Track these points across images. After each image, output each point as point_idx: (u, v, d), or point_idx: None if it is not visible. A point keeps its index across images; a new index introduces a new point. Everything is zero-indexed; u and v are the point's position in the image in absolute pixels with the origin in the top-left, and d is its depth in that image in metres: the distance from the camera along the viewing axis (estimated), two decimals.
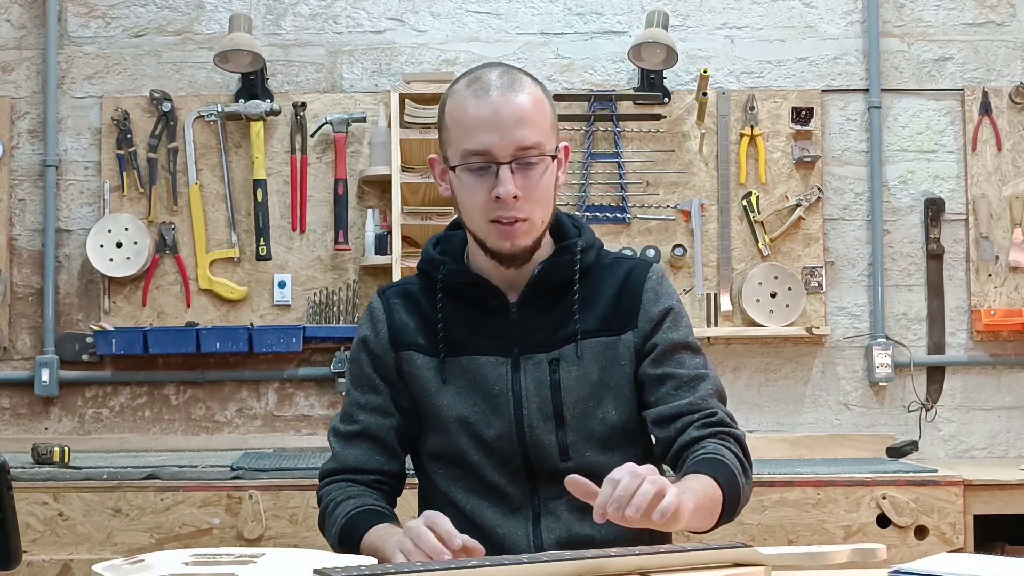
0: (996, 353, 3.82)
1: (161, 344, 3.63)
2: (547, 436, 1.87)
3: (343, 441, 1.95)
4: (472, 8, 3.88)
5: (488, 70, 1.85)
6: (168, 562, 1.49)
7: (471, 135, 1.79)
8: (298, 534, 3.09)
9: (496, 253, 1.84)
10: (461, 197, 1.84)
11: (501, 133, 1.78)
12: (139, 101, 3.79)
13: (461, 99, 1.82)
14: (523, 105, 1.80)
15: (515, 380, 1.87)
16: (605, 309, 1.90)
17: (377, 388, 1.93)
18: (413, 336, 1.91)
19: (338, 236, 3.73)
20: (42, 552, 3.08)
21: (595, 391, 1.88)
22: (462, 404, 1.88)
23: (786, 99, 3.81)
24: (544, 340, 1.88)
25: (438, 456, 1.93)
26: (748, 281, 3.74)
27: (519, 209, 1.79)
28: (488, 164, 1.79)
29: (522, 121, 1.79)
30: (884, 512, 3.13)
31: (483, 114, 1.79)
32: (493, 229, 1.81)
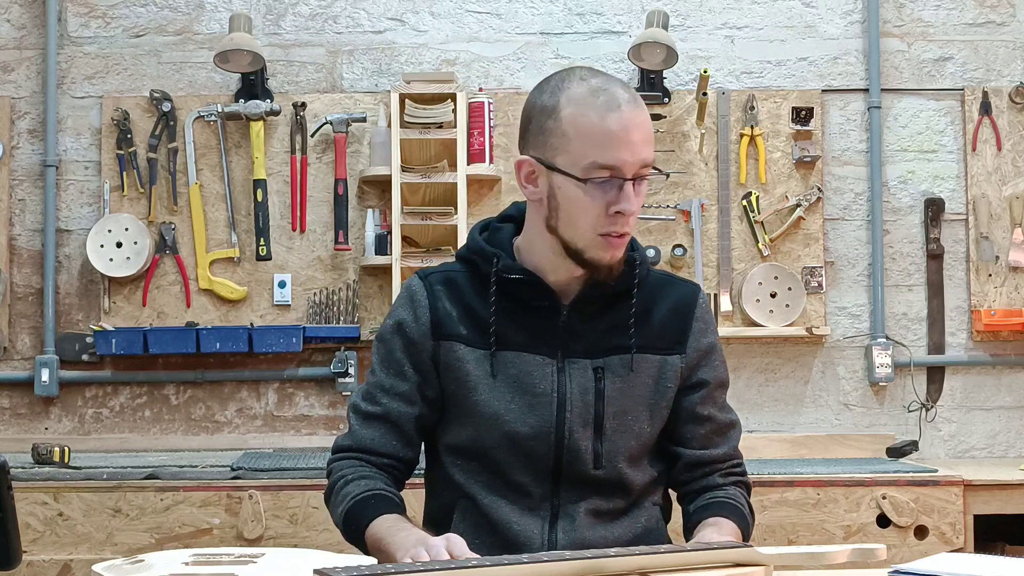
0: (996, 353, 3.82)
1: (161, 344, 3.63)
2: (584, 442, 1.87)
3: (362, 420, 1.93)
4: (472, 8, 3.88)
5: (610, 82, 1.83)
6: (168, 562, 1.49)
7: (604, 149, 1.77)
8: (298, 534, 3.09)
9: (594, 263, 1.83)
10: (569, 206, 1.81)
11: (632, 150, 1.78)
12: (139, 101, 3.79)
13: (587, 109, 1.78)
14: (647, 122, 1.82)
15: (561, 382, 1.87)
16: (657, 327, 1.91)
17: (405, 374, 1.91)
18: (456, 326, 1.89)
19: (338, 236, 3.73)
20: (42, 552, 3.08)
21: (636, 405, 1.89)
22: (500, 399, 1.87)
23: (786, 99, 3.81)
24: (590, 347, 1.88)
25: (459, 449, 1.92)
26: (748, 281, 3.74)
27: (628, 224, 1.81)
28: (611, 178, 1.78)
29: (648, 139, 1.81)
30: (884, 512, 3.13)
31: (617, 129, 1.77)
32: (601, 241, 1.81)
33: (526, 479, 1.87)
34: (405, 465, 1.95)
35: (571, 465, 1.87)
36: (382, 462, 1.91)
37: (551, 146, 1.81)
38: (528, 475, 1.87)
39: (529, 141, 1.85)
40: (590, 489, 1.87)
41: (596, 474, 1.86)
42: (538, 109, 1.84)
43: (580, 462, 1.86)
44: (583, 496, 1.86)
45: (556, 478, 1.88)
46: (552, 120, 1.81)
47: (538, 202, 1.86)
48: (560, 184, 1.81)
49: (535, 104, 1.85)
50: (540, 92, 1.86)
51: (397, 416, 1.91)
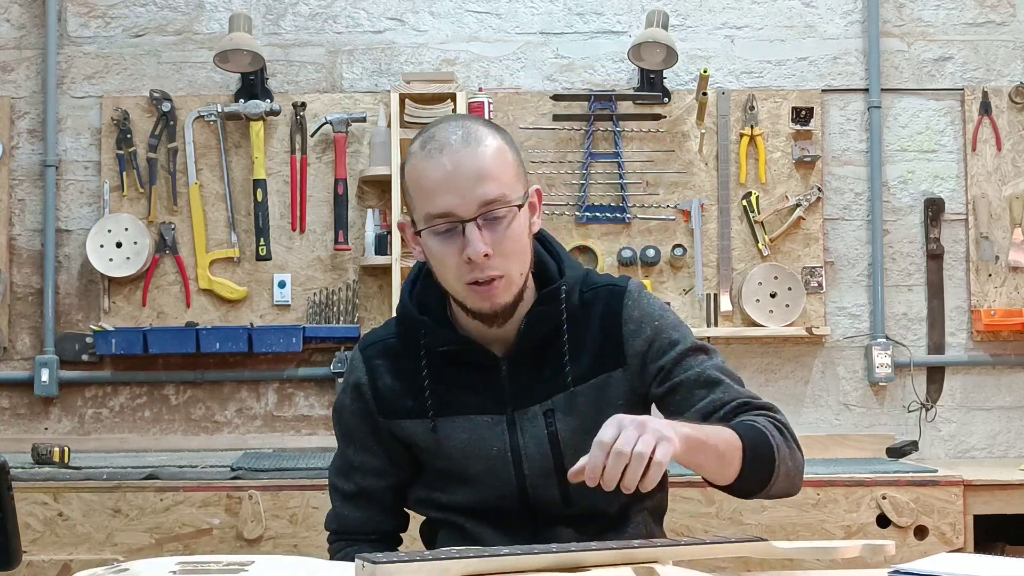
0: (996, 353, 3.82)
1: (161, 344, 3.63)
2: (550, 490, 1.85)
3: (342, 499, 1.94)
4: (472, 8, 3.88)
5: (442, 126, 1.77)
6: (154, 570, 1.46)
7: (432, 197, 1.72)
8: (298, 534, 3.09)
9: (479, 315, 1.78)
10: (433, 261, 1.77)
11: (461, 192, 1.70)
12: (139, 101, 3.79)
13: (417, 161, 1.75)
14: (482, 159, 1.72)
15: (512, 439, 1.83)
16: (593, 349, 1.83)
17: (371, 450, 1.91)
18: (401, 401, 1.86)
19: (338, 236, 3.73)
20: (42, 552, 3.08)
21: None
22: (457, 467, 1.86)
23: (786, 99, 3.81)
24: (537, 392, 1.83)
25: (434, 505, 1.93)
26: (748, 281, 3.74)
27: (493, 267, 1.72)
28: (454, 225, 1.72)
29: (482, 176, 1.71)
30: (884, 512, 3.13)
31: (441, 175, 1.71)
32: (470, 292, 1.75)
33: (501, 525, 1.86)
34: (393, 533, 1.97)
35: (543, 511, 1.85)
36: (369, 539, 1.93)
37: (408, 205, 1.81)
38: (502, 523, 1.86)
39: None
40: (570, 519, 1.86)
41: (571, 511, 1.85)
42: (400, 173, 1.85)
43: (552, 507, 1.84)
44: (565, 524, 1.85)
45: (533, 520, 1.86)
46: (403, 181, 1.80)
47: (426, 262, 1.83)
48: (421, 241, 1.78)
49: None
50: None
51: (372, 492, 1.92)
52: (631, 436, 1.49)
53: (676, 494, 3.01)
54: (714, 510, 3.11)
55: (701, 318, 3.74)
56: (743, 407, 1.78)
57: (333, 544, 1.96)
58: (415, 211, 1.78)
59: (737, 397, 1.79)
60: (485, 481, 1.85)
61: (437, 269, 1.78)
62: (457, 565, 1.37)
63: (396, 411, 1.87)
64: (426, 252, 1.79)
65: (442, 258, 1.75)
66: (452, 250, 1.73)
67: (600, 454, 1.49)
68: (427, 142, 1.76)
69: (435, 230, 1.74)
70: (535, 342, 1.83)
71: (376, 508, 1.93)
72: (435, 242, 1.75)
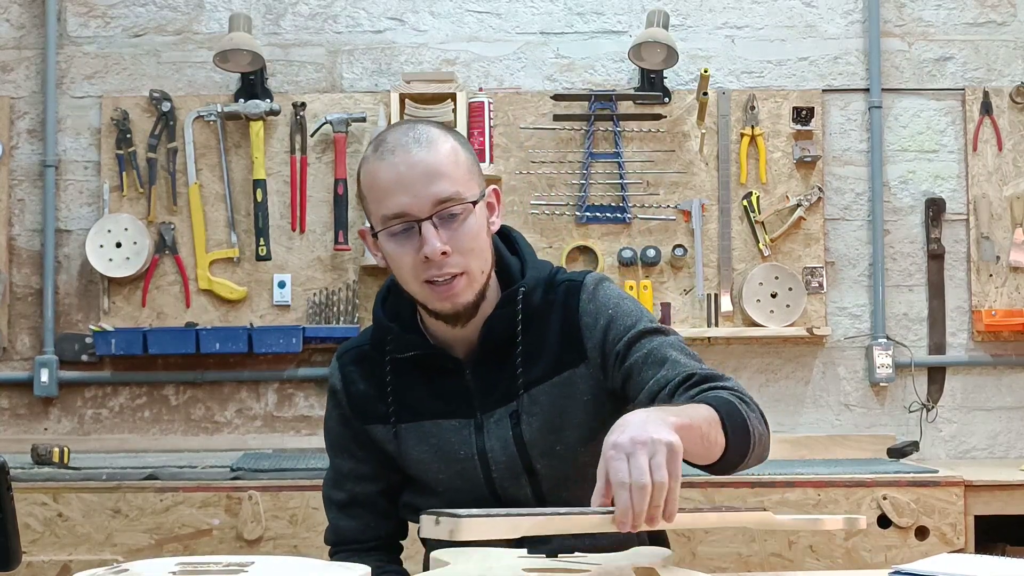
0: (997, 353, 3.82)
1: (161, 344, 3.62)
2: (522, 490, 1.85)
3: (336, 510, 1.95)
4: (472, 8, 3.88)
5: (394, 130, 1.79)
6: (154, 571, 1.46)
7: (385, 199, 1.73)
8: (298, 535, 3.08)
9: (439, 314, 1.78)
10: (392, 264, 1.78)
11: (414, 191, 1.72)
12: (139, 101, 3.79)
13: (370, 166, 1.76)
14: (433, 158, 1.73)
15: (479, 442, 1.83)
16: (554, 348, 1.83)
17: (357, 456, 1.92)
18: (374, 406, 1.88)
19: (338, 236, 3.72)
20: (42, 552, 3.08)
21: (563, 434, 1.83)
22: (428, 472, 1.87)
23: (786, 99, 3.81)
24: (501, 394, 1.83)
25: (414, 510, 1.93)
26: (748, 281, 3.73)
27: (452, 264, 1.73)
28: (409, 225, 1.73)
29: (434, 175, 1.72)
30: (885, 513, 3.12)
31: (393, 176, 1.73)
32: (430, 291, 1.75)
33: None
34: (391, 537, 1.97)
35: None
36: (368, 546, 1.93)
37: (366, 211, 1.82)
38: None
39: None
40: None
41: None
42: (356, 180, 1.84)
43: (527, 507, 1.83)
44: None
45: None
46: (359, 188, 1.82)
47: (388, 268, 1.84)
48: (379, 244, 1.79)
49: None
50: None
51: (365, 497, 1.93)
52: (643, 463, 1.40)
53: None
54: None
55: (701, 318, 3.74)
56: (686, 382, 1.71)
57: (333, 558, 1.96)
58: (372, 215, 1.79)
59: (682, 371, 1.72)
60: (455, 485, 1.85)
61: (396, 271, 1.79)
62: (525, 523, 1.38)
63: (367, 416, 1.89)
64: (385, 255, 1.80)
65: (400, 259, 1.76)
66: (409, 250, 1.74)
67: (626, 495, 1.40)
68: (379, 145, 1.77)
69: (391, 231, 1.75)
70: (496, 345, 1.83)
71: (370, 514, 1.94)
72: (392, 244, 1.76)
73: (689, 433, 1.50)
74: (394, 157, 1.74)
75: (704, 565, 3.04)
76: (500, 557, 1.57)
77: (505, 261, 1.87)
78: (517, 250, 1.90)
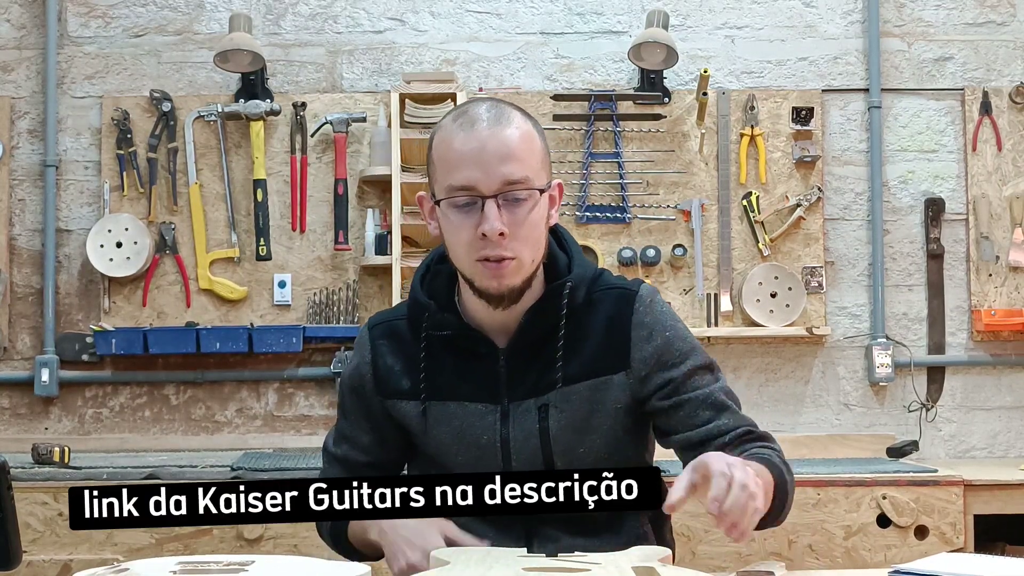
0: (996, 353, 3.82)
1: (161, 344, 3.63)
2: None
3: (328, 460, 1.98)
4: (472, 8, 3.88)
5: (476, 104, 1.79)
6: (154, 571, 1.46)
7: (456, 170, 1.73)
8: (298, 534, 3.09)
9: (484, 293, 1.77)
10: (447, 235, 1.78)
11: (486, 168, 1.71)
12: (139, 101, 3.79)
13: (447, 134, 1.76)
14: (510, 139, 1.74)
15: (503, 430, 1.83)
16: (594, 350, 1.82)
17: (361, 426, 1.93)
18: (398, 381, 1.87)
19: (338, 236, 3.73)
20: (42, 552, 3.08)
21: (586, 436, 1.83)
22: (446, 453, 1.85)
23: (786, 99, 3.81)
24: (532, 386, 1.83)
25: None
26: (748, 281, 3.74)
27: (506, 248, 1.72)
28: (474, 200, 1.72)
29: (509, 155, 1.73)
30: (884, 512, 3.12)
31: (468, 148, 1.72)
32: (480, 268, 1.74)
33: (489, 521, 1.84)
34: None
35: None
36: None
37: (431, 178, 1.82)
38: (489, 519, 1.83)
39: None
40: (563, 516, 1.83)
41: None
42: (428, 146, 1.84)
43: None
44: (558, 521, 1.83)
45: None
46: (429, 153, 1.81)
47: (439, 237, 1.83)
48: (439, 213, 1.79)
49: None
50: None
51: (353, 464, 1.93)
52: (748, 475, 1.49)
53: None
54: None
55: (701, 318, 3.74)
56: (746, 436, 1.81)
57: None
58: (437, 183, 1.78)
59: (740, 425, 1.82)
60: (471, 470, 1.83)
61: (450, 242, 1.79)
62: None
63: (392, 391, 1.88)
64: (442, 224, 1.79)
65: (456, 231, 1.75)
66: (468, 224, 1.73)
67: (724, 483, 1.48)
68: (459, 116, 1.77)
69: (454, 202, 1.74)
70: (535, 336, 1.82)
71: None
72: (453, 214, 1.75)
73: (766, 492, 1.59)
74: (472, 130, 1.73)
75: (704, 564, 3.04)
76: (500, 557, 1.58)
77: (553, 254, 1.87)
78: (565, 246, 1.91)
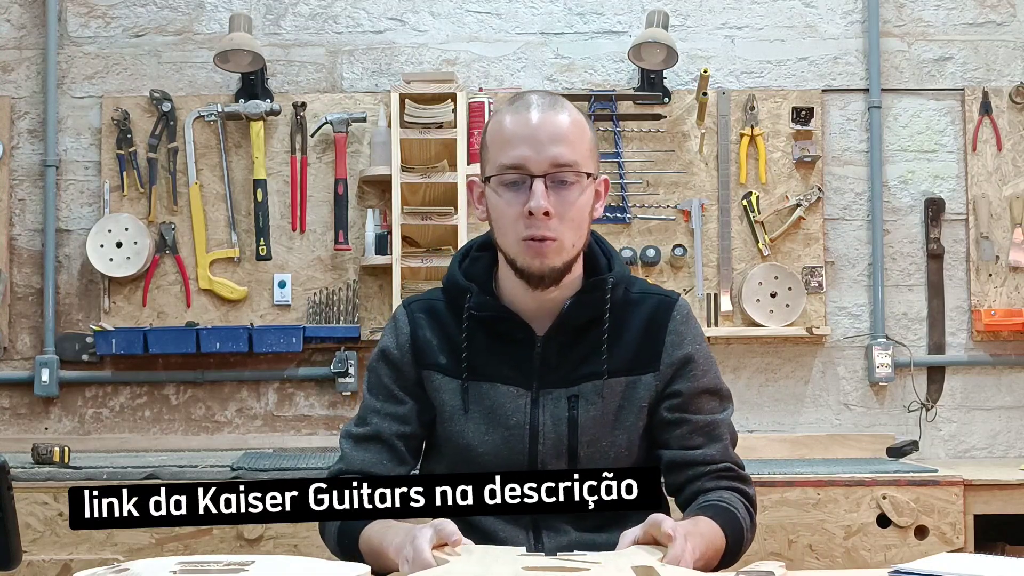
0: (996, 353, 3.82)
1: (161, 344, 3.63)
2: (560, 468, 1.86)
3: (353, 443, 1.94)
4: (472, 8, 3.88)
5: (531, 92, 1.87)
6: (154, 571, 1.46)
7: (507, 148, 1.79)
8: (298, 534, 3.09)
9: (525, 272, 1.82)
10: (494, 213, 1.83)
11: (537, 147, 1.78)
12: (139, 101, 3.79)
13: (502, 115, 1.84)
14: (562, 122, 1.81)
15: (533, 414, 1.86)
16: (631, 348, 1.89)
17: (397, 397, 1.93)
18: (435, 355, 1.91)
19: (338, 236, 3.73)
20: (42, 552, 3.08)
21: (612, 431, 1.88)
22: (474, 431, 1.88)
23: (786, 99, 3.81)
24: (565, 375, 1.87)
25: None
26: (748, 281, 3.74)
27: (550, 228, 1.77)
28: (523, 178, 1.78)
29: (559, 138, 1.79)
30: (884, 512, 3.13)
31: (520, 128, 1.79)
32: (524, 247, 1.79)
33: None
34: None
35: None
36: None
37: (483, 161, 1.87)
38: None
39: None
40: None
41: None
42: (483, 132, 1.90)
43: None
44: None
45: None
46: (484, 137, 1.88)
47: (487, 221, 1.88)
48: (488, 193, 1.84)
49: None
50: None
51: (388, 435, 1.91)
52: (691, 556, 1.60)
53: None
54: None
55: (701, 318, 3.74)
56: (725, 472, 1.89)
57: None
58: (488, 163, 1.84)
59: (725, 460, 1.90)
60: (497, 451, 1.86)
61: (496, 220, 1.83)
62: None
63: (430, 363, 1.91)
64: (490, 202, 1.84)
65: (504, 209, 1.80)
66: (516, 202, 1.79)
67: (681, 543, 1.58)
68: (514, 100, 1.86)
69: (504, 180, 1.80)
70: (574, 326, 1.87)
71: (385, 452, 1.91)
72: (502, 191, 1.80)
73: (700, 561, 1.68)
74: (527, 112, 1.81)
75: None
76: (500, 556, 1.58)
77: (593, 251, 1.92)
78: (604, 248, 1.95)
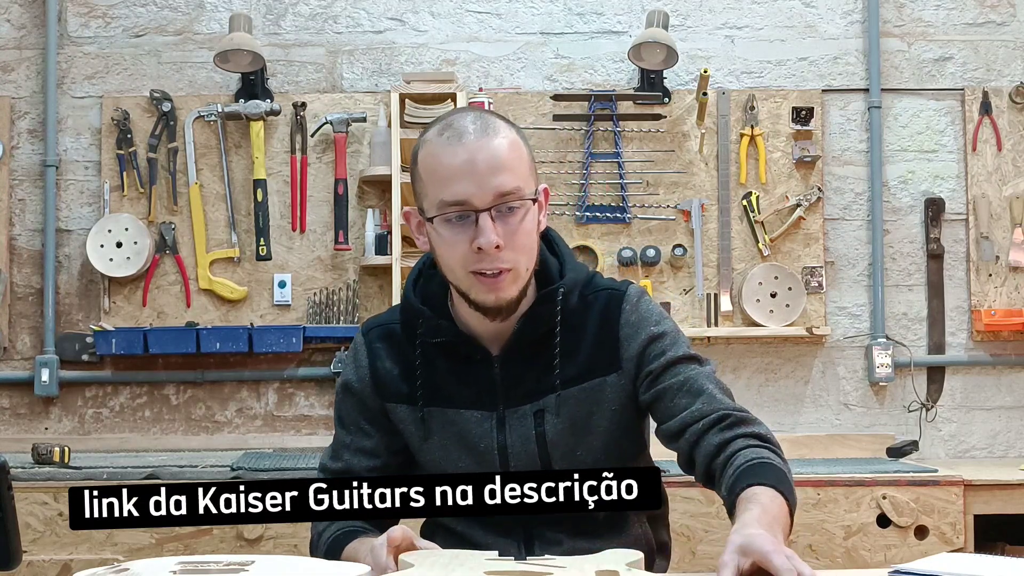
0: (996, 353, 3.82)
1: (161, 344, 3.63)
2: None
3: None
4: (472, 8, 3.88)
5: (460, 115, 1.77)
6: (154, 571, 1.45)
7: (447, 185, 1.71)
8: (298, 534, 3.09)
9: (480, 306, 1.76)
10: (440, 250, 1.76)
11: (479, 181, 1.70)
12: (139, 101, 3.79)
13: (434, 148, 1.74)
14: (499, 150, 1.73)
15: (500, 437, 1.82)
16: (588, 352, 1.82)
17: (364, 431, 1.90)
18: (397, 385, 1.87)
19: (338, 236, 3.73)
20: (42, 552, 3.08)
21: (584, 439, 1.83)
22: (447, 459, 1.85)
23: (786, 99, 3.81)
24: (528, 391, 1.82)
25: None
26: (748, 281, 3.74)
27: (502, 259, 1.71)
28: (467, 213, 1.71)
29: (499, 166, 1.71)
30: (884, 512, 3.13)
31: (458, 162, 1.71)
32: (476, 281, 1.73)
33: (491, 524, 1.83)
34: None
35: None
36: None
37: (418, 194, 1.80)
38: (493, 522, 1.83)
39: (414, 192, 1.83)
40: (564, 520, 1.83)
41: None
42: (412, 159, 1.81)
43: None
44: (552, 520, 1.82)
45: (526, 520, 1.84)
46: (415, 168, 1.79)
47: (430, 251, 1.82)
48: (430, 229, 1.76)
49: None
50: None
51: (359, 470, 1.88)
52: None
53: (676, 494, 3.01)
54: (714, 510, 3.11)
55: (701, 318, 3.74)
56: (723, 420, 1.75)
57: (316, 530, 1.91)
58: (426, 198, 1.76)
59: (718, 409, 1.76)
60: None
61: (444, 258, 1.77)
62: None
63: (391, 394, 1.87)
64: (433, 241, 1.77)
65: (451, 246, 1.73)
66: (462, 239, 1.72)
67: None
68: (444, 130, 1.75)
69: (447, 218, 1.72)
70: (530, 342, 1.82)
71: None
72: (446, 230, 1.73)
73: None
74: (460, 144, 1.72)
75: (704, 564, 3.04)
76: (466, 560, 1.54)
77: (544, 259, 1.86)
78: (556, 251, 1.89)
